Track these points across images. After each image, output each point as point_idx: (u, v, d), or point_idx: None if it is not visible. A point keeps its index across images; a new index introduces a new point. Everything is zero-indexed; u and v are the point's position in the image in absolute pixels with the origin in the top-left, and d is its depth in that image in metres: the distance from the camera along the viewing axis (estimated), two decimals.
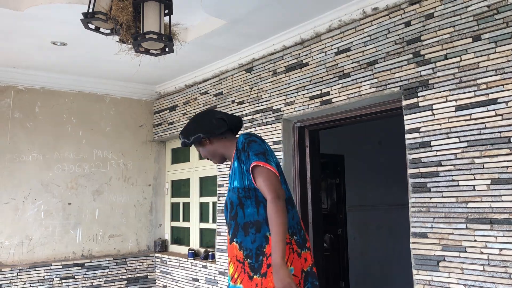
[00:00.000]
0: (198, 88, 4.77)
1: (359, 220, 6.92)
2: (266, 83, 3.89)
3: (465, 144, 2.48)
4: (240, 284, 2.09)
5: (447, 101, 2.58)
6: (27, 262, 4.62)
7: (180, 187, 5.46)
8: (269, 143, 3.84)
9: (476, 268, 2.38)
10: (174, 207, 5.51)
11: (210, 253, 4.55)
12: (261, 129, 3.92)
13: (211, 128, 2.30)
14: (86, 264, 4.90)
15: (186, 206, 5.26)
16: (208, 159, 2.42)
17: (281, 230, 1.96)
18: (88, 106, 5.15)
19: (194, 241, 5.03)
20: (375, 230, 7.02)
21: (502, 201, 2.30)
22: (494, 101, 2.36)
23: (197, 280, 4.59)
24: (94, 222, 5.07)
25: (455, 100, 2.53)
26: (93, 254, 5.03)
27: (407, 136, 2.77)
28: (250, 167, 2.08)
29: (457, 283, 2.46)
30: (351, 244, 6.81)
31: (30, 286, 4.55)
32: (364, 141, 6.95)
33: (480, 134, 2.42)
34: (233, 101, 4.27)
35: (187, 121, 3.04)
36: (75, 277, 4.81)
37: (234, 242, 2.15)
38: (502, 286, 2.27)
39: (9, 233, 4.58)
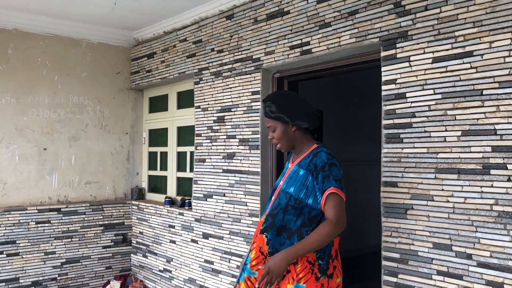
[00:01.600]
0: (177, 35, 4.67)
1: None
2: (246, 31, 3.84)
3: (439, 96, 2.51)
4: (303, 283, 2.18)
5: (424, 53, 2.59)
6: (2, 206, 4.60)
7: (157, 136, 5.44)
8: (248, 93, 3.83)
9: (442, 216, 2.48)
10: (152, 156, 5.51)
11: (187, 201, 4.60)
12: (240, 78, 3.90)
13: (310, 117, 2.38)
14: (62, 209, 4.92)
15: (164, 155, 5.27)
16: (274, 141, 2.44)
17: (315, 246, 2.15)
18: (63, 50, 5.01)
19: (171, 190, 5.07)
20: (349, 184, 7.14)
21: (471, 152, 2.36)
22: (470, 54, 2.38)
23: (173, 226, 4.67)
24: (70, 168, 5.05)
25: (433, 52, 2.55)
26: (69, 200, 5.03)
27: (383, 87, 2.80)
28: (328, 191, 2.18)
29: (423, 230, 2.56)
30: None
31: (6, 229, 4.56)
32: (343, 98, 6.99)
33: (454, 86, 2.45)
34: (212, 49, 4.20)
35: (277, 94, 2.65)
36: (51, 221, 4.84)
37: (264, 235, 2.31)
38: (464, 232, 2.37)
39: None
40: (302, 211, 2.25)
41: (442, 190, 2.48)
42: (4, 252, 4.55)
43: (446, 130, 2.48)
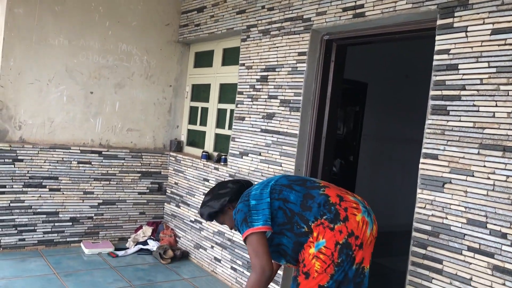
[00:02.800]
0: None
1: (372, 150, 6.97)
2: None
3: (494, 70, 2.41)
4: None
5: (484, 23, 2.48)
6: (48, 143, 4.81)
7: (200, 92, 5.50)
8: (295, 54, 3.79)
9: (480, 193, 2.42)
10: (193, 110, 5.59)
11: (223, 157, 4.67)
12: (288, 38, 3.86)
13: (225, 195, 2.58)
14: (103, 153, 5.10)
15: (204, 110, 5.33)
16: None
17: None
18: None
19: (209, 145, 5.16)
20: (386, 162, 7.08)
21: None
22: None
23: (207, 180, 4.77)
24: (113, 114, 5.20)
25: (493, 23, 2.43)
26: (110, 144, 5.21)
27: (435, 57, 2.71)
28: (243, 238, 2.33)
29: (459, 205, 2.51)
30: (361, 172, 6.92)
31: (50, 165, 4.78)
32: (391, 72, 6.81)
33: (511, 60, 2.34)
34: (263, 7, 4.16)
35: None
36: (92, 163, 5.03)
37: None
38: (502, 211, 2.32)
39: (32, 113, 4.73)
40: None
41: (484, 166, 2.41)
42: (47, 187, 4.78)
43: (496, 106, 2.39)
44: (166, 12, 5.43)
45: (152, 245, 5.05)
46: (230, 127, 4.72)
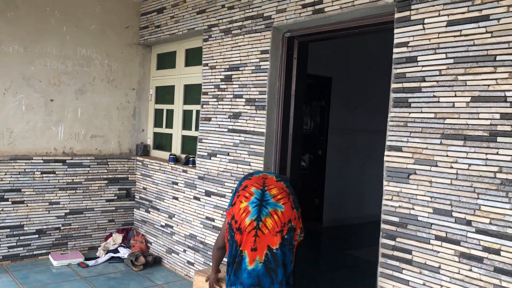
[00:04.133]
0: None
1: (340, 143, 7.06)
2: None
3: (451, 61, 2.46)
4: None
5: (439, 15, 2.52)
6: (8, 154, 4.65)
7: (164, 94, 5.42)
8: (257, 52, 3.78)
9: (444, 182, 2.47)
10: (158, 113, 5.51)
11: (191, 159, 4.62)
12: (250, 37, 3.84)
13: None
14: (67, 161, 4.96)
15: (170, 113, 5.26)
16: None
17: None
18: (72, 1, 4.94)
19: (176, 147, 5.09)
20: (354, 154, 7.18)
21: (479, 119, 2.33)
22: (486, 18, 2.32)
23: (176, 183, 4.71)
24: (76, 121, 5.06)
25: (448, 15, 2.48)
26: (74, 152, 5.07)
27: (394, 50, 2.74)
28: None
29: (424, 195, 2.56)
30: (329, 165, 6.99)
31: (11, 177, 4.62)
32: (354, 65, 6.90)
33: (467, 51, 2.39)
34: (223, 6, 4.12)
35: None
36: (56, 172, 4.89)
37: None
38: (465, 199, 2.37)
39: None
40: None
41: (447, 156, 2.46)
42: (10, 200, 4.62)
43: (455, 96, 2.44)
44: (125, 15, 5.32)
45: (123, 253, 4.95)
46: (197, 128, 4.67)
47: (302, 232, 2.63)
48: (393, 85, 2.74)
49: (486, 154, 2.30)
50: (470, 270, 2.34)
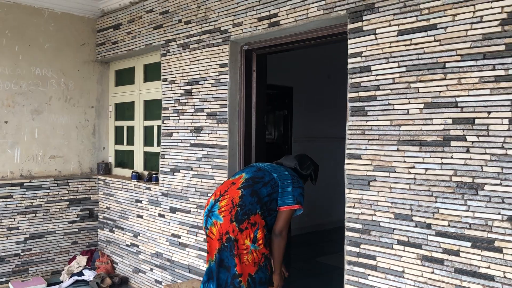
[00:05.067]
0: (144, 5, 4.55)
1: (303, 151, 7.09)
2: (214, 2, 3.76)
3: (404, 69, 2.53)
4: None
5: (390, 25, 2.59)
6: None
7: (124, 110, 5.34)
8: (216, 66, 3.78)
9: (403, 187, 2.52)
10: (118, 130, 5.41)
11: (154, 175, 4.56)
12: (208, 50, 3.84)
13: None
14: (25, 184, 4.80)
15: (130, 129, 5.18)
16: None
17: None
18: (24, 19, 4.81)
19: (138, 164, 5.01)
20: (319, 161, 7.23)
21: (432, 124, 2.40)
22: (434, 27, 2.40)
23: (140, 201, 4.63)
24: (33, 142, 4.91)
25: (398, 24, 2.56)
26: (32, 175, 4.91)
27: (349, 60, 2.80)
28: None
29: (385, 201, 2.60)
30: None
31: None
32: (314, 74, 7.00)
33: (418, 59, 2.47)
34: (179, 20, 4.11)
35: None
36: (14, 196, 4.72)
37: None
38: (424, 203, 2.43)
39: None
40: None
41: (404, 161, 2.52)
42: None
43: (409, 103, 2.51)
44: (80, 32, 5.22)
45: (88, 275, 4.81)
46: (158, 144, 4.62)
47: (256, 242, 2.78)
48: (349, 95, 2.80)
49: (441, 158, 2.37)
50: (432, 272, 2.40)
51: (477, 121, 2.25)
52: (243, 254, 2.77)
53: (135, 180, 4.73)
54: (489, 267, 2.20)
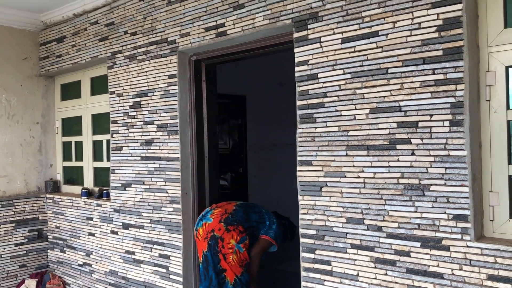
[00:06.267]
0: (88, 17, 4.43)
1: (258, 159, 7.14)
2: (160, 12, 3.71)
3: (349, 76, 2.58)
4: None
5: (334, 33, 2.64)
6: None
7: (71, 125, 5.16)
8: (165, 77, 3.72)
9: (354, 191, 2.56)
10: (66, 146, 5.22)
11: (105, 191, 4.42)
12: (156, 62, 3.78)
13: None
14: None
15: (79, 144, 5.01)
16: None
17: None
18: None
19: (88, 181, 4.85)
20: (273, 168, 7.29)
21: (378, 129, 2.46)
22: (376, 34, 2.47)
23: (91, 218, 4.47)
24: None
25: (342, 32, 2.61)
26: None
27: (296, 68, 2.83)
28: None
29: (337, 206, 2.64)
30: (251, 181, 7.04)
31: None
32: (266, 83, 7.04)
33: (362, 65, 2.53)
34: (125, 32, 4.03)
35: None
36: None
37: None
38: (374, 206, 2.48)
39: None
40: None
41: (353, 166, 2.56)
42: None
43: (355, 109, 2.56)
44: (21, 45, 5.02)
45: None
46: (108, 159, 4.49)
47: (241, 243, 3.21)
48: (298, 102, 2.82)
49: (388, 161, 2.43)
50: (386, 274, 2.44)
51: (420, 124, 2.32)
52: (228, 254, 3.16)
53: (86, 197, 4.57)
54: (438, 265, 2.26)
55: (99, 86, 4.69)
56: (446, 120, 2.24)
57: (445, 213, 2.25)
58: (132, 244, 4.02)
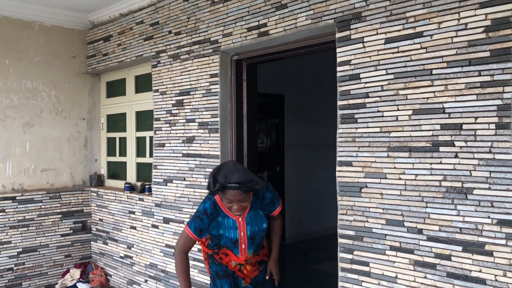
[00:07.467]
0: (134, 17, 4.57)
1: (296, 158, 7.14)
2: (204, 13, 3.79)
3: (392, 76, 2.57)
4: None
5: (377, 33, 2.63)
6: None
7: (116, 122, 5.33)
8: (207, 76, 3.80)
9: (394, 193, 2.55)
10: (110, 141, 5.41)
11: (147, 186, 4.55)
12: (198, 61, 3.86)
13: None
14: (17, 198, 4.77)
15: (123, 140, 5.18)
16: (239, 209, 2.62)
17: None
18: (14, 33, 4.81)
19: (131, 176, 5.00)
20: (311, 168, 7.28)
21: (421, 130, 2.44)
22: (420, 34, 2.44)
23: (133, 212, 4.62)
24: (25, 155, 4.89)
25: (385, 33, 2.59)
26: (24, 188, 4.89)
27: (338, 68, 2.83)
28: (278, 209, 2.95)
29: (377, 207, 2.63)
30: (288, 180, 7.05)
31: None
32: (305, 82, 7.04)
33: (405, 66, 2.50)
34: (169, 32, 4.14)
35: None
36: (6, 210, 4.69)
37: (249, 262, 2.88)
38: (415, 208, 2.45)
39: None
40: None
41: (394, 168, 2.54)
42: None
43: (398, 110, 2.54)
44: (70, 44, 5.23)
45: None
46: (151, 155, 4.62)
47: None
48: (339, 102, 2.82)
49: (431, 164, 2.40)
50: (425, 277, 2.42)
51: (464, 126, 2.28)
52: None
53: (128, 191, 4.72)
54: (480, 271, 2.22)
55: (143, 84, 4.83)
56: (492, 123, 2.19)
57: (488, 217, 2.20)
58: (172, 238, 4.12)
